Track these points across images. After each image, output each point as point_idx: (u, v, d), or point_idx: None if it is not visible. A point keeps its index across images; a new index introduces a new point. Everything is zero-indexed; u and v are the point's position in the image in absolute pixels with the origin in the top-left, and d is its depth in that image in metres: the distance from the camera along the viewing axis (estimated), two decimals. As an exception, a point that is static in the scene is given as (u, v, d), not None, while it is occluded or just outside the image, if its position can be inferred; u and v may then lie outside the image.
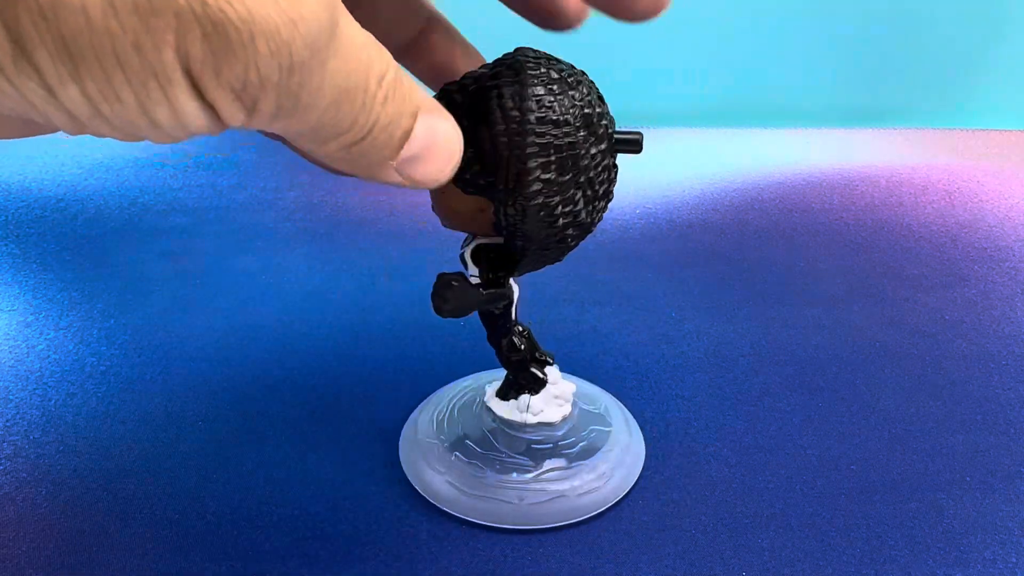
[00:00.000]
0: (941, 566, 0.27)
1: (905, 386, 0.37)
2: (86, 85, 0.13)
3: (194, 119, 0.14)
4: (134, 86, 0.13)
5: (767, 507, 0.29)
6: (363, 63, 0.15)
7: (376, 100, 0.16)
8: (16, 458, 0.32)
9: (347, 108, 0.15)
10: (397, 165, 0.18)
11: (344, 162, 0.17)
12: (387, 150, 0.17)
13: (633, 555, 0.27)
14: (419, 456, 0.30)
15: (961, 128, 0.69)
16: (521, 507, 0.28)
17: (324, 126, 0.15)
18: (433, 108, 0.18)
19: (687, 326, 0.42)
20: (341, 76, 0.15)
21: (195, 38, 0.12)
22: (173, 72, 0.13)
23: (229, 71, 0.13)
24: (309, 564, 0.27)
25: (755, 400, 0.36)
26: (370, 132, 0.16)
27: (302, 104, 0.14)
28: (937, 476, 0.31)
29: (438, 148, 0.18)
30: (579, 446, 0.30)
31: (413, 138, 0.17)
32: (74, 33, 0.12)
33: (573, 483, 0.29)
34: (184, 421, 0.34)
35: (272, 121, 0.15)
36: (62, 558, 0.27)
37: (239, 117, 0.14)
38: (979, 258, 0.50)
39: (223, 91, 0.13)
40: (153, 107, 0.13)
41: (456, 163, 0.19)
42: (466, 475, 0.29)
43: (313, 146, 0.16)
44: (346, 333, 0.40)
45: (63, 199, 0.55)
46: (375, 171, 0.18)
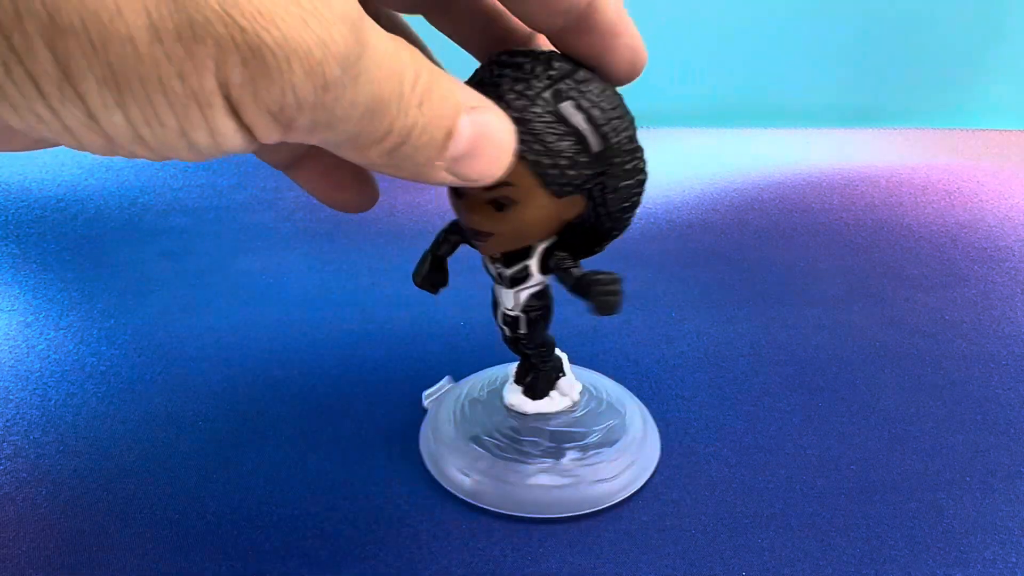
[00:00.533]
0: (941, 566, 0.27)
1: (905, 386, 0.37)
2: (130, 111, 0.13)
3: (231, 139, 0.14)
4: (176, 110, 0.13)
5: (767, 507, 0.29)
6: (394, 71, 0.15)
7: (411, 104, 0.16)
8: (16, 458, 0.32)
9: (381, 116, 0.15)
10: (447, 165, 0.17)
11: (389, 167, 0.17)
12: (431, 151, 0.17)
13: (633, 555, 0.27)
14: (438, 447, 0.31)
15: (961, 128, 0.69)
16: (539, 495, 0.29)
17: (360, 135, 0.15)
18: (478, 103, 0.18)
19: (687, 326, 0.42)
20: (373, 87, 0.15)
21: (235, 63, 0.13)
22: (213, 96, 0.13)
23: (267, 94, 0.13)
24: (309, 564, 0.27)
25: (755, 400, 0.36)
26: (409, 135, 0.16)
27: (337, 118, 0.15)
28: (937, 476, 0.31)
29: (488, 143, 0.18)
30: (595, 437, 0.31)
31: (458, 136, 0.17)
32: (121, 61, 0.12)
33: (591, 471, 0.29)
34: (184, 421, 0.34)
35: (308, 136, 0.15)
36: (62, 558, 0.27)
37: (275, 135, 0.14)
38: (979, 258, 0.50)
39: (260, 112, 0.14)
40: (193, 130, 0.14)
41: (510, 155, 0.19)
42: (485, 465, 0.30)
43: (354, 155, 0.16)
44: (346, 333, 0.40)
45: (63, 199, 0.55)
46: (423, 173, 0.17)
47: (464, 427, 0.31)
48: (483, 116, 0.18)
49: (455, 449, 0.30)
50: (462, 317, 0.40)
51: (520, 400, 0.31)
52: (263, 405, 0.35)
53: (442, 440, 0.31)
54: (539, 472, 0.29)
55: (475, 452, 0.30)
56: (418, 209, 0.54)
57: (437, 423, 0.32)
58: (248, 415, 0.34)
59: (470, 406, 0.32)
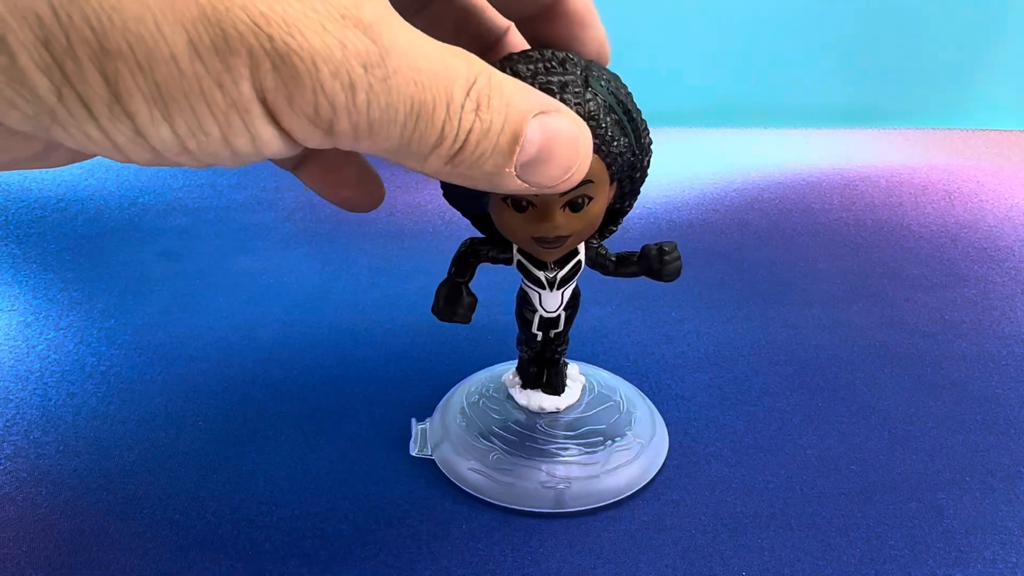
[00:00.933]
0: (941, 566, 0.27)
1: (905, 386, 0.37)
2: (176, 124, 0.14)
3: (272, 144, 0.15)
4: (218, 120, 0.14)
5: (767, 507, 0.29)
6: (438, 74, 0.15)
7: (465, 110, 0.16)
8: (16, 458, 0.32)
9: (429, 121, 0.15)
10: (519, 172, 0.17)
11: (457, 177, 0.17)
12: (499, 158, 0.17)
13: (633, 555, 0.27)
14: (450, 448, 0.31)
15: (961, 128, 0.69)
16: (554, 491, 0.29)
17: (411, 141, 0.16)
18: (548, 107, 0.18)
19: (687, 326, 0.42)
20: (410, 90, 0.15)
21: (267, 70, 0.14)
22: (251, 104, 0.14)
23: (300, 97, 0.14)
24: (309, 564, 0.27)
25: (755, 400, 0.36)
26: (466, 142, 0.16)
27: (376, 121, 0.15)
28: (937, 476, 0.31)
29: (560, 148, 0.18)
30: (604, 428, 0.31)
31: (527, 142, 0.17)
32: (166, 78, 0.13)
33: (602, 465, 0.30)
34: (184, 421, 0.34)
35: (355, 141, 0.15)
36: (62, 558, 0.27)
37: (317, 139, 0.15)
38: (979, 258, 0.50)
39: (298, 117, 0.14)
40: (235, 137, 0.14)
41: (588, 159, 0.19)
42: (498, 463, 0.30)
43: (415, 164, 0.17)
44: (346, 333, 0.40)
45: (63, 199, 0.55)
46: (496, 182, 0.17)
47: (474, 424, 0.31)
48: (554, 120, 0.18)
49: (467, 447, 0.30)
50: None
51: (544, 399, 0.31)
52: (263, 405, 0.35)
53: (453, 441, 0.31)
54: (553, 465, 0.29)
55: (487, 448, 0.30)
56: (418, 209, 0.54)
57: (446, 422, 0.32)
58: (248, 415, 0.34)
59: (478, 403, 0.32)
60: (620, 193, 0.25)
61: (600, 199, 0.23)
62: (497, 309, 0.39)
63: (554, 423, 0.31)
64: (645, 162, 0.24)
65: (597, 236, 0.27)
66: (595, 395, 0.33)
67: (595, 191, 0.22)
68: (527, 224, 0.23)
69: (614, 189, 0.24)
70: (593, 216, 0.23)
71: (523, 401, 0.32)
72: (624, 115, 0.22)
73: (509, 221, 0.23)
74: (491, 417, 0.32)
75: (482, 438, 0.31)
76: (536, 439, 0.30)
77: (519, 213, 0.23)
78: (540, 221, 0.23)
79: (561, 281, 0.27)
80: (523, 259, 0.27)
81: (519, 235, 0.24)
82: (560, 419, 0.31)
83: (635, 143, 0.23)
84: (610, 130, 0.21)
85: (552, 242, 0.24)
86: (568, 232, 0.23)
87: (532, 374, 0.31)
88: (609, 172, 0.22)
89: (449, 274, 0.27)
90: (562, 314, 0.29)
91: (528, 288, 0.28)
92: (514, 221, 0.23)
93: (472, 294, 0.27)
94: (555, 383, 0.31)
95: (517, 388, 0.32)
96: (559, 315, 0.29)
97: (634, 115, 0.23)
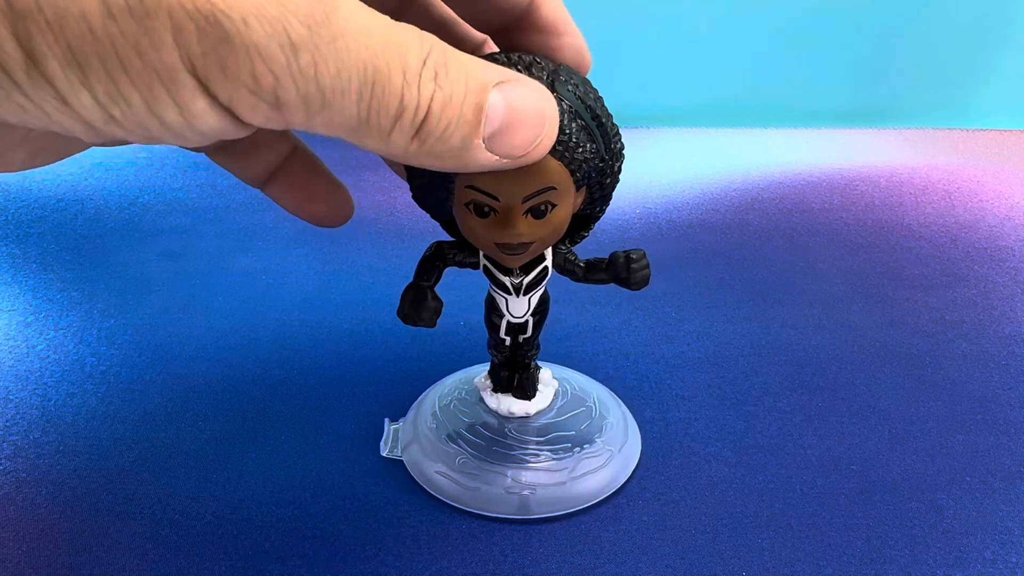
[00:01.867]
0: (941, 566, 0.27)
1: (905, 386, 0.37)
2: (95, 90, 0.13)
3: (205, 118, 0.14)
4: (139, 88, 0.13)
5: (767, 507, 0.29)
6: (391, 40, 0.15)
7: (423, 77, 0.15)
8: (16, 458, 0.32)
9: (386, 88, 0.15)
10: (486, 143, 0.17)
11: (425, 155, 0.16)
12: (464, 129, 0.16)
13: (633, 555, 0.27)
14: (419, 450, 0.31)
15: (961, 128, 0.69)
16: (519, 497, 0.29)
17: (371, 114, 0.15)
18: (511, 78, 0.17)
19: (687, 326, 0.42)
20: (362, 54, 0.14)
21: (191, 34, 0.13)
22: (177, 73, 0.13)
23: (233, 62, 0.13)
24: (309, 564, 0.27)
25: (755, 400, 0.36)
26: (430, 112, 0.15)
27: (329, 90, 0.14)
28: (937, 476, 0.31)
29: (526, 114, 0.17)
30: (573, 435, 0.31)
31: (491, 111, 0.16)
32: (79, 40, 0.12)
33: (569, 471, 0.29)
34: (184, 421, 0.34)
35: (308, 117, 0.14)
36: (62, 558, 0.27)
37: (262, 111, 0.14)
38: (979, 258, 0.50)
39: (235, 87, 0.13)
40: (161, 109, 0.13)
41: (553, 127, 0.19)
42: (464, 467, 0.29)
43: (379, 144, 0.16)
44: (346, 333, 0.40)
45: (63, 199, 0.55)
46: (466, 158, 0.17)
47: (444, 428, 0.31)
48: (515, 88, 0.17)
49: (436, 451, 0.30)
50: (461, 316, 0.40)
51: (513, 403, 0.31)
52: (263, 405, 0.35)
53: (422, 442, 0.31)
54: (519, 471, 0.29)
55: (454, 451, 0.30)
56: (418, 209, 0.54)
57: (417, 423, 0.32)
58: (248, 415, 0.34)
59: (449, 406, 0.32)
60: (590, 199, 0.25)
61: (564, 206, 0.23)
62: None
63: (524, 428, 0.31)
64: (616, 167, 0.24)
65: (567, 242, 0.27)
66: (568, 400, 0.33)
67: (558, 198, 0.22)
68: (490, 230, 0.23)
69: (582, 195, 0.24)
70: (557, 223, 0.23)
71: (493, 405, 0.31)
72: (592, 120, 0.22)
73: (472, 226, 0.23)
74: (461, 420, 0.31)
75: (450, 441, 0.30)
76: (504, 443, 0.30)
77: (481, 218, 0.23)
78: (502, 227, 0.22)
79: (527, 287, 0.27)
80: (488, 264, 0.27)
81: (482, 240, 0.23)
82: (530, 424, 0.31)
83: (604, 149, 0.22)
84: (575, 136, 0.21)
85: (515, 249, 0.23)
86: (531, 239, 0.23)
87: (503, 378, 0.31)
88: (574, 178, 0.22)
89: (415, 277, 0.27)
90: (530, 319, 0.28)
91: (495, 293, 0.28)
92: (476, 226, 0.23)
93: (438, 298, 0.27)
94: (525, 387, 0.31)
95: (488, 391, 0.32)
96: (527, 320, 0.28)
97: (603, 120, 0.22)
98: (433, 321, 0.27)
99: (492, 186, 0.21)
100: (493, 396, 0.31)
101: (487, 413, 0.31)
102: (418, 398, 0.34)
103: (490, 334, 0.30)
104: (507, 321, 0.28)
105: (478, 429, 0.31)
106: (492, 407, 0.31)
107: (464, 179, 0.22)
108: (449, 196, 0.23)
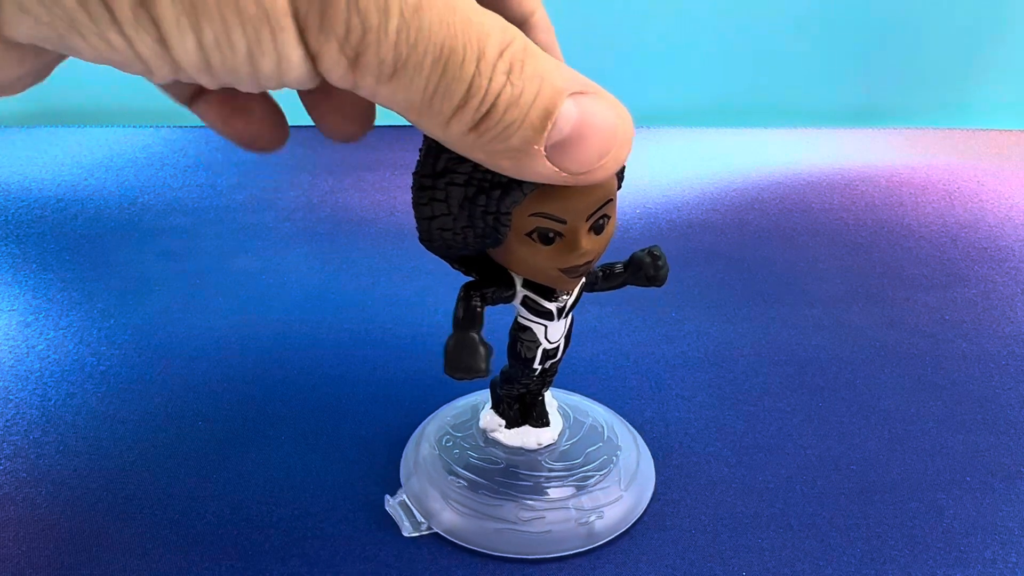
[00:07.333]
0: (941, 566, 0.27)
1: (905, 386, 0.37)
2: (203, 35, 0.13)
3: (295, 68, 0.14)
4: (247, 33, 0.13)
5: (767, 507, 0.29)
6: (473, 23, 0.14)
7: (497, 69, 0.15)
8: (16, 458, 0.32)
9: (455, 72, 0.14)
10: (547, 152, 0.16)
11: (479, 149, 0.16)
12: (527, 131, 0.15)
13: (633, 555, 0.27)
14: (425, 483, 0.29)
15: (961, 128, 0.69)
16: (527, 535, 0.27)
17: (436, 95, 0.15)
18: (588, 88, 0.16)
19: (687, 326, 0.42)
20: (442, 31, 0.14)
21: None
22: (284, 18, 0.13)
23: (333, 12, 0.13)
24: (309, 564, 0.27)
25: (755, 400, 0.36)
26: (494, 107, 0.15)
27: (403, 60, 0.14)
28: (937, 476, 0.31)
29: (597, 132, 0.16)
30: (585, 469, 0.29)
31: (561, 120, 0.16)
32: None
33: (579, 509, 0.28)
34: (184, 421, 0.34)
35: (377, 83, 0.14)
36: (62, 558, 0.27)
37: (341, 66, 0.14)
38: (979, 258, 0.50)
39: (327, 38, 0.13)
40: (262, 55, 0.13)
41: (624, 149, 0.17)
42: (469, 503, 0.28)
43: (436, 127, 0.15)
44: (346, 334, 0.40)
45: (63, 199, 0.55)
46: (521, 161, 0.16)
47: (446, 462, 0.29)
48: (593, 102, 0.16)
49: (437, 484, 0.29)
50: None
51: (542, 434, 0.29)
52: (263, 405, 0.35)
53: (424, 474, 0.29)
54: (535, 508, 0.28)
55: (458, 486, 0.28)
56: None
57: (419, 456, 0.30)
58: (248, 415, 0.34)
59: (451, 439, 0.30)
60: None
61: (614, 216, 0.22)
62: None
63: (534, 459, 0.29)
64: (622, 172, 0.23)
65: None
66: (571, 423, 0.31)
67: (612, 209, 0.22)
68: (554, 256, 0.21)
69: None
70: (611, 233, 0.22)
71: (516, 442, 0.29)
72: None
73: (530, 257, 0.22)
74: (465, 453, 0.30)
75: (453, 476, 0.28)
76: (518, 476, 0.28)
77: (546, 246, 0.21)
78: (569, 251, 0.21)
79: (570, 308, 0.26)
80: (529, 293, 0.25)
81: (542, 269, 0.22)
82: (541, 454, 0.29)
83: None
84: None
85: (579, 272, 0.22)
86: (594, 256, 0.22)
87: (515, 412, 0.29)
88: (619, 185, 0.22)
89: (460, 327, 0.23)
90: (561, 343, 0.27)
91: (530, 322, 0.26)
92: (538, 256, 0.21)
93: (487, 343, 0.23)
94: (543, 414, 0.29)
95: (501, 430, 0.30)
96: (559, 345, 0.27)
97: None
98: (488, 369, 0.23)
99: (560, 209, 0.20)
100: (513, 433, 0.30)
101: (492, 446, 0.30)
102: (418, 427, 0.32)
103: (517, 368, 0.27)
104: (543, 349, 0.26)
105: (483, 463, 0.29)
106: (515, 444, 0.29)
107: (526, 208, 0.20)
108: (499, 230, 0.21)
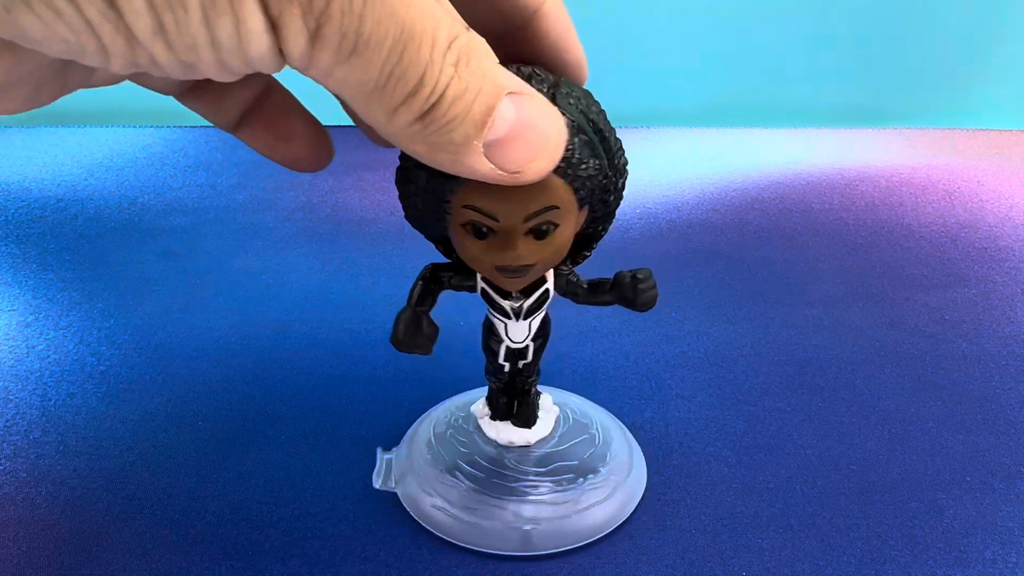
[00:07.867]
0: (941, 566, 0.27)
1: (905, 386, 0.37)
2: None
3: (257, 39, 0.14)
4: None
5: (767, 507, 0.29)
6: (429, 13, 0.14)
7: (447, 60, 0.15)
8: (16, 458, 0.32)
9: (412, 57, 0.14)
10: (485, 149, 0.16)
11: (422, 141, 0.16)
12: (469, 127, 0.16)
13: (633, 556, 0.27)
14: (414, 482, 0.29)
15: (961, 128, 0.69)
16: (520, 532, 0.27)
17: (389, 81, 0.15)
18: (524, 89, 0.17)
19: (687, 326, 0.42)
20: (404, 11, 0.14)
21: None
22: None
23: None
24: (309, 564, 0.27)
25: (755, 400, 0.36)
26: (442, 98, 0.15)
27: (364, 37, 0.14)
28: (937, 476, 0.31)
29: (532, 132, 0.17)
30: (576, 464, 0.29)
31: (499, 116, 0.16)
32: None
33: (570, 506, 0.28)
34: (184, 421, 0.34)
35: (336, 60, 0.14)
36: (62, 558, 0.27)
37: (301, 42, 0.14)
38: (979, 258, 0.50)
39: (290, 4, 0.13)
40: (217, 18, 0.13)
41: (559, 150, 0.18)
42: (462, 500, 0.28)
43: (382, 116, 0.15)
44: (346, 334, 0.40)
45: (63, 199, 0.55)
46: (461, 156, 0.16)
47: (440, 459, 0.29)
48: (529, 103, 0.17)
49: (432, 482, 0.28)
50: (461, 317, 0.39)
51: (513, 432, 0.29)
52: (263, 405, 0.35)
53: (417, 474, 0.29)
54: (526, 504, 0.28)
55: (451, 484, 0.28)
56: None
57: (412, 453, 0.30)
58: (248, 415, 0.34)
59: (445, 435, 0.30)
60: (592, 218, 0.23)
61: (567, 226, 0.22)
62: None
63: (524, 458, 0.29)
64: (620, 184, 0.23)
65: (569, 263, 0.26)
66: (570, 427, 0.31)
67: (561, 217, 0.21)
68: (488, 252, 0.22)
69: (584, 214, 0.23)
70: (560, 244, 0.22)
71: (492, 434, 0.29)
72: (595, 135, 0.21)
73: (469, 248, 0.22)
74: (458, 450, 0.29)
75: (447, 473, 0.28)
76: (505, 475, 0.28)
77: (479, 240, 0.21)
78: (502, 249, 0.21)
79: (528, 311, 0.25)
80: (487, 287, 0.25)
81: (480, 263, 0.22)
82: (531, 454, 0.29)
83: (607, 165, 0.21)
84: (578, 152, 0.20)
85: (515, 271, 0.22)
86: (532, 261, 0.22)
87: (502, 405, 0.29)
88: (577, 197, 0.21)
89: (409, 302, 0.25)
90: (530, 345, 0.27)
91: (493, 317, 0.26)
92: (475, 248, 0.22)
93: (433, 323, 0.25)
94: (525, 415, 0.29)
95: (486, 419, 0.30)
96: (527, 346, 0.27)
97: (606, 135, 0.21)
98: (429, 348, 0.25)
99: (491, 206, 0.20)
100: (492, 425, 0.30)
101: (486, 443, 0.30)
102: (412, 425, 0.32)
103: (488, 360, 0.28)
104: (506, 347, 0.27)
105: (476, 460, 0.29)
106: (491, 437, 0.30)
107: (461, 198, 0.21)
108: (444, 216, 0.22)
